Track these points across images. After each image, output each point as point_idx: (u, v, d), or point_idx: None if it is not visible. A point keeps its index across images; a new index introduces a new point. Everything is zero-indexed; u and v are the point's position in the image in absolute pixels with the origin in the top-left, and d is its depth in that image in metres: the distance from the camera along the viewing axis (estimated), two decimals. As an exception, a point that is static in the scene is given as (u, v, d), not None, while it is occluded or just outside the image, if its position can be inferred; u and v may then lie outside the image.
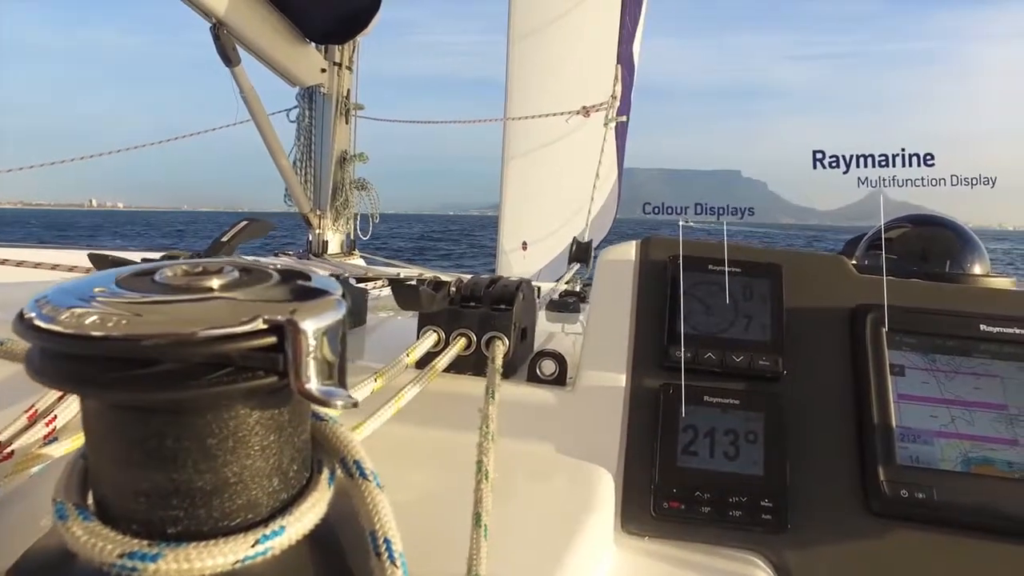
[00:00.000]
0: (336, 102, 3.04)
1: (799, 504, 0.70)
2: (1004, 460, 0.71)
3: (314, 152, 3.06)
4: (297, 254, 3.10)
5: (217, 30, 2.31)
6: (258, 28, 2.40)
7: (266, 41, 2.47)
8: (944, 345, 0.77)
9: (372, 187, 3.08)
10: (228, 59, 2.39)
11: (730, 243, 0.84)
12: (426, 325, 0.84)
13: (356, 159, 3.07)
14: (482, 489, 0.57)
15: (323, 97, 3.04)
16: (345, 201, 3.05)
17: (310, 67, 2.82)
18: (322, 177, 3.05)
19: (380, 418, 0.67)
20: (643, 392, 0.78)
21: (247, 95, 2.54)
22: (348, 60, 3.07)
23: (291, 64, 2.67)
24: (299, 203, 2.98)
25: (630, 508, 0.72)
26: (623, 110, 2.30)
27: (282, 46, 2.56)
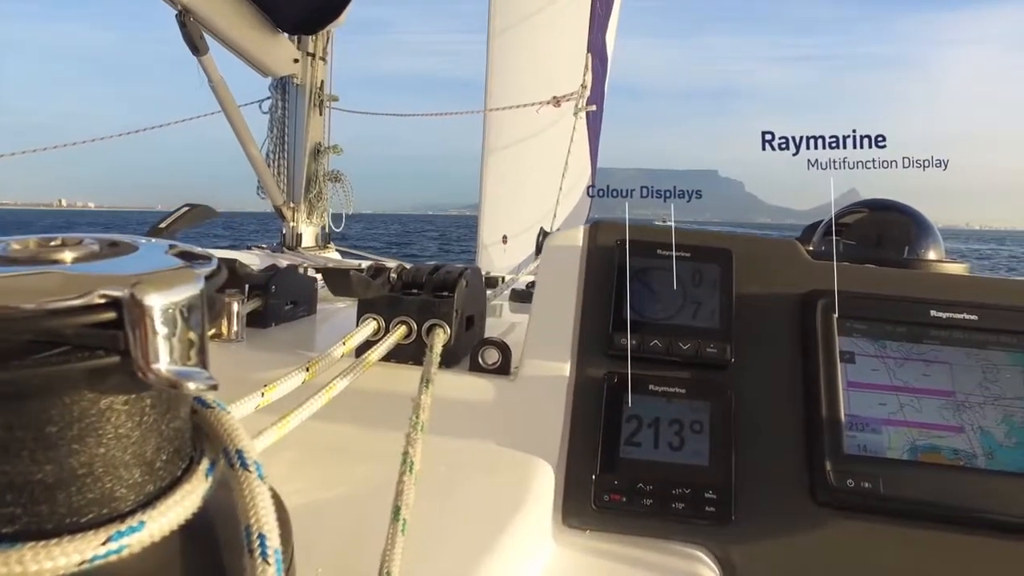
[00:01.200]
0: (309, 93, 2.99)
1: (745, 495, 0.68)
2: (950, 448, 0.70)
3: (287, 144, 3.00)
4: (270, 247, 3.05)
5: (183, 18, 2.25)
6: (226, 16, 2.35)
7: (235, 30, 2.41)
8: (895, 331, 0.75)
9: (346, 179, 3.04)
10: (195, 48, 2.33)
11: (680, 228, 0.82)
12: (366, 313, 0.82)
13: (330, 151, 3.02)
14: (404, 482, 0.55)
15: (296, 88, 2.99)
16: (319, 193, 3.00)
17: (282, 57, 2.77)
18: (295, 169, 3.00)
19: (309, 408, 0.64)
20: (587, 381, 0.76)
21: (216, 85, 2.49)
22: (322, 51, 3.02)
23: (262, 54, 2.62)
24: (271, 196, 2.93)
25: (571, 501, 0.69)
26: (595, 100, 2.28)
27: (252, 35, 2.50)
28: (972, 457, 0.69)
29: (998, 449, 0.69)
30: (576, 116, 2.12)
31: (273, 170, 2.98)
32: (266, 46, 2.62)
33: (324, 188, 3.02)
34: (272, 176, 2.92)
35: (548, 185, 3.32)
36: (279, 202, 2.97)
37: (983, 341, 0.74)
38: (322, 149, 3.04)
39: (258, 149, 2.79)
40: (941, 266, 0.91)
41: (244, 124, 2.66)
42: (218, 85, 2.48)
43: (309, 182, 3.03)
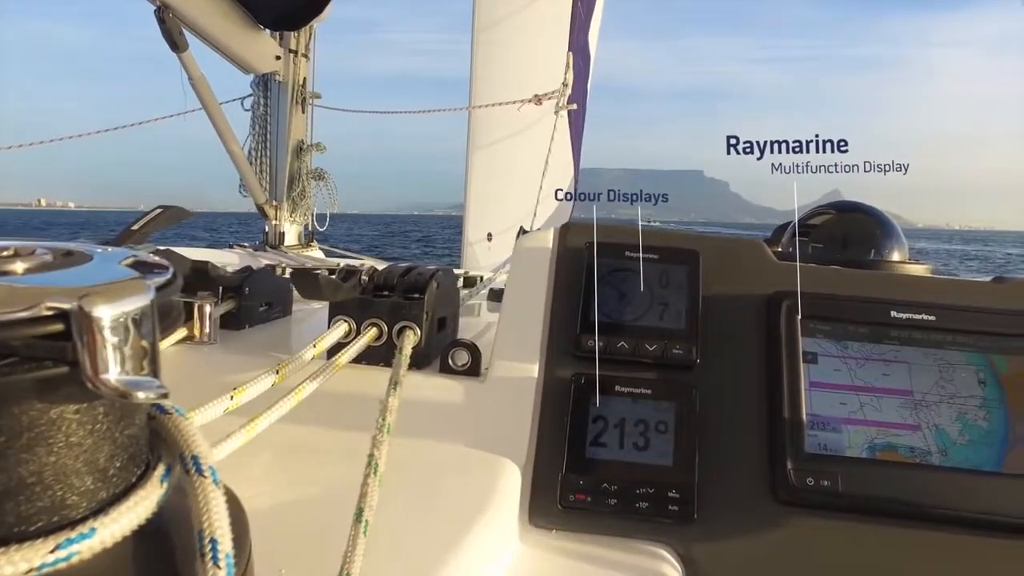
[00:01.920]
0: (292, 90, 2.97)
1: (708, 494, 0.70)
2: (907, 445, 0.71)
3: (270, 141, 2.99)
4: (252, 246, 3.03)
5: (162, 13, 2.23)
6: (206, 12, 2.33)
7: (215, 26, 2.39)
8: (856, 332, 0.77)
9: (330, 177, 3.02)
10: (175, 44, 2.31)
11: (649, 229, 0.83)
12: (337, 315, 0.82)
13: (313, 149, 3.01)
14: (368, 484, 0.56)
15: (278, 85, 2.97)
16: (302, 191, 2.99)
17: (263, 54, 2.75)
18: (278, 167, 2.99)
19: (278, 411, 0.65)
20: (556, 382, 0.77)
21: (196, 83, 2.47)
22: (304, 48, 3.00)
23: (243, 51, 2.60)
24: (254, 194, 2.91)
25: (538, 501, 0.70)
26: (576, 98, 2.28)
27: (232, 32, 2.48)
28: (927, 454, 0.71)
29: (952, 446, 0.71)
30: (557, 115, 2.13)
31: (255, 168, 2.96)
32: (247, 43, 2.60)
33: (307, 186, 3.01)
34: (254, 174, 2.91)
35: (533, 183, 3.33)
36: (261, 200, 2.95)
37: (940, 341, 0.76)
38: (305, 147, 3.02)
39: (240, 147, 2.77)
40: (904, 267, 0.93)
41: (225, 122, 2.64)
42: (198, 82, 2.46)
43: (292, 180, 3.01)
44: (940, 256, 33.97)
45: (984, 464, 0.70)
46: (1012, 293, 0.80)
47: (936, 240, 76.86)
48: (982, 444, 0.71)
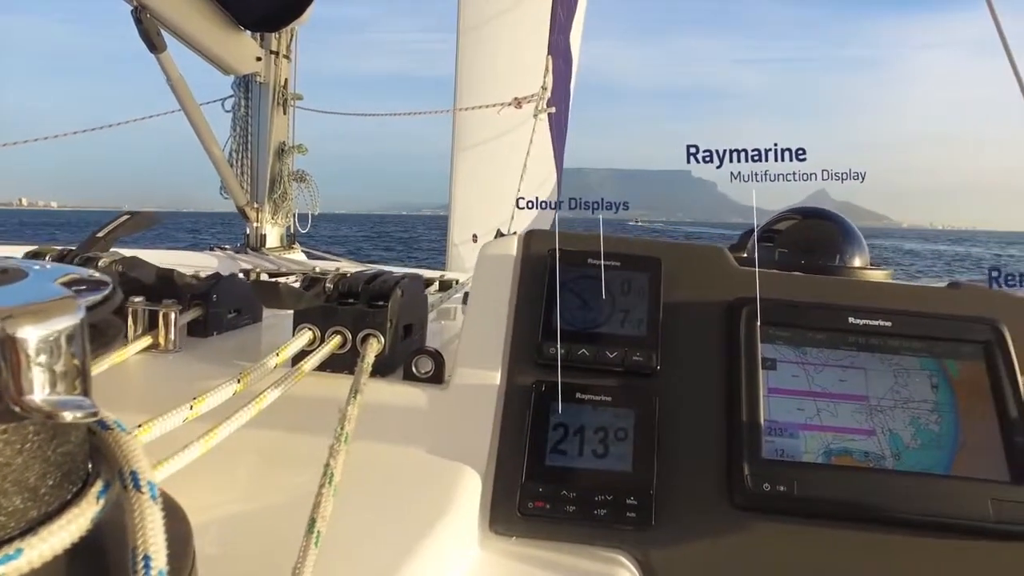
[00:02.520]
0: (273, 92, 2.96)
1: (666, 501, 0.70)
2: (861, 450, 0.72)
3: (251, 143, 2.97)
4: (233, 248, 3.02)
5: (139, 14, 2.21)
6: (184, 13, 2.31)
7: (194, 27, 2.37)
8: (815, 338, 0.78)
9: (312, 179, 3.01)
10: (153, 45, 2.30)
11: (611, 236, 0.84)
12: (301, 323, 0.82)
13: (295, 150, 2.99)
14: (323, 494, 0.56)
15: (260, 86, 2.95)
16: (283, 193, 2.97)
17: (244, 55, 2.73)
18: (259, 169, 2.97)
19: (238, 420, 0.64)
20: (517, 389, 0.77)
21: (175, 83, 2.45)
22: (285, 49, 2.99)
23: (223, 51, 2.58)
24: (234, 196, 2.90)
25: (499, 508, 0.71)
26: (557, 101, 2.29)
27: (212, 32, 2.46)
28: (881, 459, 0.72)
29: (905, 451, 0.72)
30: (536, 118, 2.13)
31: (236, 170, 2.94)
32: (227, 43, 2.58)
33: (289, 188, 3.00)
34: (235, 176, 2.89)
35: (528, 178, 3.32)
36: (242, 202, 2.93)
37: (896, 347, 0.77)
38: (286, 148, 3.01)
39: (220, 148, 2.75)
40: (865, 273, 0.94)
41: (205, 123, 2.63)
42: (177, 83, 2.44)
43: (273, 182, 2.99)
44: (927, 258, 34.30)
45: (934, 467, 0.71)
46: (965, 298, 0.81)
47: (920, 240, 77.65)
48: (933, 448, 0.72)
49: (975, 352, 0.76)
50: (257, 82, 2.94)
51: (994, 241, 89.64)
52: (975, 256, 38.82)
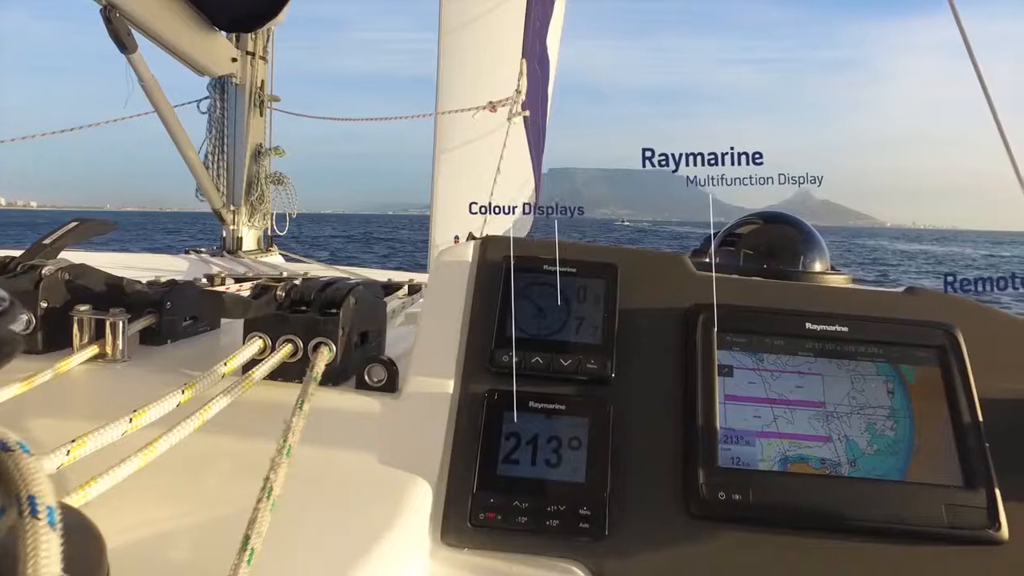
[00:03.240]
0: (250, 93, 2.92)
1: (621, 510, 0.69)
2: (817, 457, 0.72)
3: (227, 145, 2.93)
4: (209, 251, 2.98)
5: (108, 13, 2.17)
6: (155, 13, 2.27)
7: (166, 27, 2.34)
8: (772, 344, 0.77)
9: (289, 181, 2.98)
10: (123, 45, 2.26)
11: (568, 242, 0.82)
12: (252, 331, 0.80)
13: (272, 152, 2.96)
14: (260, 509, 0.54)
15: (236, 88, 2.92)
16: (260, 196, 2.94)
17: (219, 56, 2.70)
18: (235, 171, 2.93)
19: (179, 433, 0.62)
20: (471, 398, 0.75)
21: (147, 84, 2.41)
22: (262, 50, 2.95)
23: (196, 52, 2.54)
24: (210, 198, 2.86)
25: (451, 520, 0.69)
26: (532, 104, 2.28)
27: (184, 33, 2.43)
28: (837, 466, 0.71)
29: (861, 457, 0.72)
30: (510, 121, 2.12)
31: (212, 172, 2.90)
32: (201, 44, 2.55)
33: (266, 190, 2.96)
34: (210, 178, 2.85)
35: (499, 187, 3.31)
36: (218, 205, 2.90)
37: (852, 352, 0.77)
38: (263, 151, 2.97)
39: (194, 150, 2.71)
40: (825, 278, 0.94)
41: (179, 124, 2.59)
42: (149, 84, 2.41)
43: (250, 184, 2.96)
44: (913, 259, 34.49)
45: (889, 473, 0.71)
46: (922, 304, 0.81)
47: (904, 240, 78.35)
48: (888, 454, 0.72)
49: (930, 357, 0.76)
50: (233, 83, 2.91)
51: (982, 240, 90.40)
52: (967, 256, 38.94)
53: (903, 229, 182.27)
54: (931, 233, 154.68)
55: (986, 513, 0.68)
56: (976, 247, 60.92)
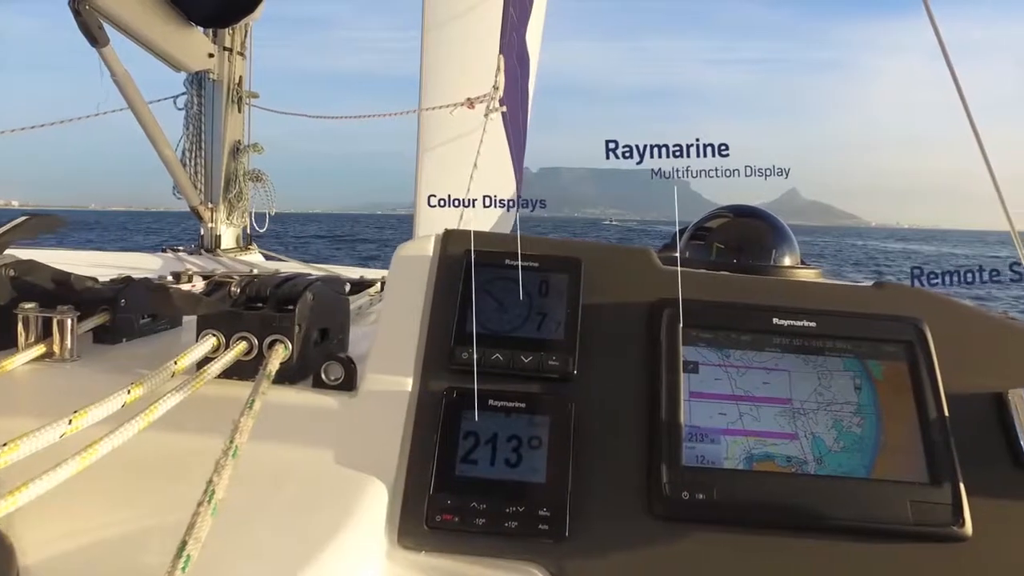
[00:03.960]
0: (227, 89, 2.87)
1: (582, 511, 0.67)
2: (784, 455, 0.70)
3: (204, 142, 2.88)
4: (187, 249, 2.93)
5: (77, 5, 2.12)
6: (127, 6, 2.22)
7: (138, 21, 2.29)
8: (739, 340, 0.76)
9: (268, 179, 2.93)
10: (94, 39, 2.21)
11: (532, 237, 0.80)
12: (205, 329, 0.77)
13: (250, 149, 2.91)
14: (199, 513, 0.51)
15: (213, 84, 2.87)
16: (239, 193, 2.89)
17: (195, 51, 2.65)
18: (213, 168, 2.88)
19: (122, 435, 0.59)
20: (430, 397, 0.73)
21: (120, 79, 2.36)
22: (240, 46, 2.91)
23: (171, 47, 2.50)
24: (187, 195, 2.81)
25: (407, 522, 0.67)
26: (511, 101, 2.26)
27: (159, 27, 2.38)
28: (803, 463, 0.70)
29: (827, 454, 0.70)
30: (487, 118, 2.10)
31: (189, 169, 2.85)
32: (176, 39, 2.50)
33: (245, 188, 2.92)
34: (187, 175, 2.80)
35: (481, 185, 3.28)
36: (195, 203, 2.84)
37: (820, 348, 0.75)
38: (242, 148, 2.93)
39: (170, 147, 2.66)
40: (795, 272, 0.92)
41: (153, 120, 2.54)
42: (122, 79, 2.36)
43: (228, 182, 2.91)
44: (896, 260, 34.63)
45: (855, 470, 0.69)
46: (890, 298, 0.80)
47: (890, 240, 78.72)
48: (855, 451, 0.70)
49: (898, 352, 0.75)
50: (210, 79, 2.86)
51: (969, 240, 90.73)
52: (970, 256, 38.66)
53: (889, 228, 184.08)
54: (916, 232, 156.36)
55: (951, 509, 0.67)
56: (972, 247, 61.14)
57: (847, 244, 53.65)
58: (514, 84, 2.31)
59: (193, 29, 2.59)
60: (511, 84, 2.19)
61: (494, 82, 2.02)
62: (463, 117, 3.13)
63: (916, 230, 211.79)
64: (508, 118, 2.22)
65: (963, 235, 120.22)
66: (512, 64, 2.24)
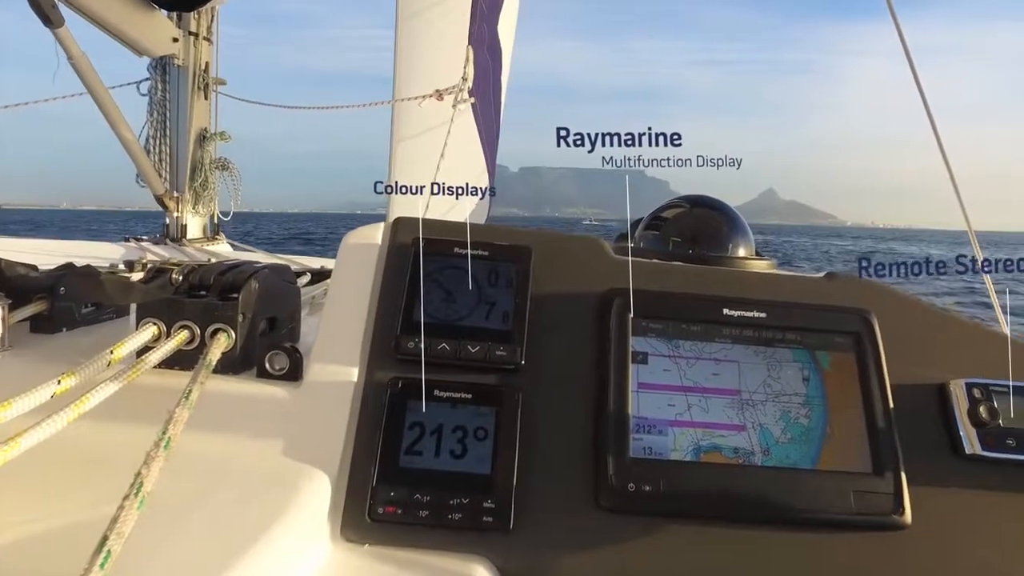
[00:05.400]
0: (193, 75, 2.80)
1: (528, 503, 0.66)
2: (731, 447, 0.70)
3: (169, 129, 2.81)
4: (152, 239, 2.86)
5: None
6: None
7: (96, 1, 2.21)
8: (689, 330, 0.75)
9: (235, 167, 2.87)
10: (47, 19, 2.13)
11: (482, 225, 0.79)
12: (145, 317, 0.74)
13: (217, 137, 2.85)
14: (124, 507, 0.49)
15: (178, 69, 2.80)
16: (204, 182, 2.82)
17: (158, 35, 2.58)
18: (179, 156, 2.81)
19: (48, 428, 0.57)
20: (376, 387, 0.72)
21: (77, 62, 2.28)
22: (206, 31, 2.83)
23: (132, 30, 2.42)
24: (151, 184, 2.73)
25: (350, 514, 0.66)
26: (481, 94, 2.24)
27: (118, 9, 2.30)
28: (750, 455, 0.70)
29: (774, 446, 0.70)
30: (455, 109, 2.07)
31: (153, 157, 2.78)
32: (137, 21, 2.42)
33: (211, 176, 2.85)
34: (151, 163, 2.73)
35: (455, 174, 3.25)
36: (159, 191, 2.77)
37: (770, 339, 0.75)
38: (208, 135, 2.86)
39: (132, 132, 2.58)
40: (748, 263, 0.92)
41: (114, 105, 2.46)
42: (79, 61, 2.27)
43: (194, 170, 2.84)
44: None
45: (802, 461, 0.69)
46: (840, 289, 0.80)
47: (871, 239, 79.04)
48: (802, 442, 0.70)
49: (846, 343, 0.75)
50: (175, 65, 2.78)
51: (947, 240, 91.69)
52: None
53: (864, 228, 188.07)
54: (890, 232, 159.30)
55: (892, 499, 0.67)
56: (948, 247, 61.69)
57: (833, 245, 53.49)
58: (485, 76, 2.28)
59: (156, 12, 2.52)
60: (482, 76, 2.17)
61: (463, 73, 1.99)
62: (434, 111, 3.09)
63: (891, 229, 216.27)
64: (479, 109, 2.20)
65: (936, 234, 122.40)
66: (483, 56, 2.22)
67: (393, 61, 3.61)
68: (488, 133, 2.62)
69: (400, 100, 2.51)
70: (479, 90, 2.11)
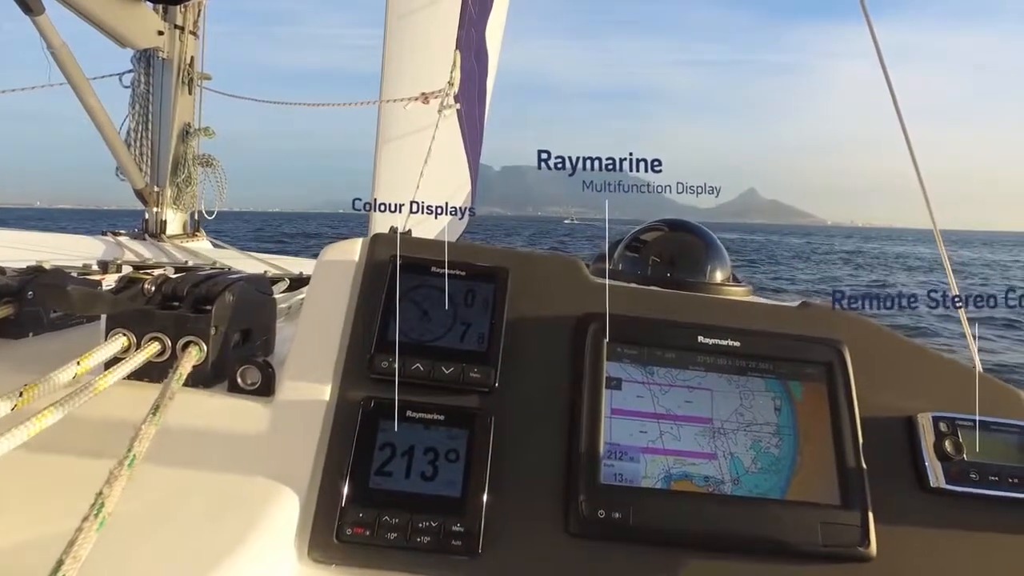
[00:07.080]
0: (178, 69, 2.76)
1: (497, 527, 0.66)
2: (701, 475, 0.71)
3: (152, 122, 2.77)
4: (130, 234, 2.81)
5: (10, -28, 2.00)
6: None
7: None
8: (663, 357, 0.76)
9: (219, 164, 2.83)
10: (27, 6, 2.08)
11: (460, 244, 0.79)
12: (114, 328, 0.73)
13: (200, 133, 2.81)
14: (83, 528, 0.48)
15: (163, 63, 2.76)
16: (187, 178, 2.78)
17: (142, 27, 2.53)
18: (160, 150, 2.77)
19: (12, 440, 0.55)
20: (348, 406, 0.71)
21: (57, 51, 2.23)
22: (192, 25, 2.80)
23: (115, 21, 2.38)
24: (131, 178, 2.69)
25: (318, 534, 0.65)
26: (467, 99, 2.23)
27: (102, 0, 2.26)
28: (720, 483, 0.70)
29: (744, 475, 0.71)
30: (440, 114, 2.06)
31: (135, 150, 2.73)
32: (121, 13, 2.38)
33: (193, 172, 2.81)
34: (132, 156, 2.68)
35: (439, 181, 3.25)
36: (140, 185, 2.73)
37: (743, 367, 0.76)
38: (192, 130, 2.82)
39: (112, 124, 2.54)
40: (725, 289, 0.93)
41: (94, 96, 2.42)
42: (59, 51, 2.23)
43: (176, 165, 2.80)
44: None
45: (771, 491, 0.70)
46: (813, 319, 0.81)
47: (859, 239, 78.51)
48: (771, 471, 0.71)
49: (818, 373, 0.76)
50: (160, 58, 2.74)
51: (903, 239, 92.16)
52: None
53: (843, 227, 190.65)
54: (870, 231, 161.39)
55: (859, 531, 0.68)
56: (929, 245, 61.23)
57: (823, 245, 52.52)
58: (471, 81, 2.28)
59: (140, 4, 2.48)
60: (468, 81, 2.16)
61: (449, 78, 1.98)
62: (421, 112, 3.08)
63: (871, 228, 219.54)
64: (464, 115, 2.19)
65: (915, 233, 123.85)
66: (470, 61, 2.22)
67: (381, 61, 3.60)
68: (472, 138, 2.62)
69: (386, 101, 2.49)
70: (464, 95, 2.11)
